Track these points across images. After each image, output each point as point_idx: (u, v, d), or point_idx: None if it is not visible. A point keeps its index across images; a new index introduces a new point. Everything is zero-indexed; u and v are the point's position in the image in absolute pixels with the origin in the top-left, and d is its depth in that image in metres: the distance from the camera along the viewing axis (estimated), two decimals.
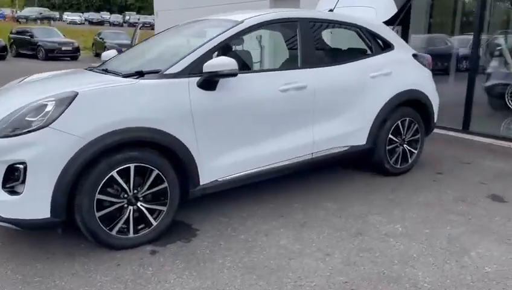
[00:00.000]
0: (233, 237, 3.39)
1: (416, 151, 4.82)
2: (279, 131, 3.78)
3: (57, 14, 51.40)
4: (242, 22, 3.72)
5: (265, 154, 3.72)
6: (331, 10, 5.01)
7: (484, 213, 3.83)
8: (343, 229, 3.51)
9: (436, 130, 6.80)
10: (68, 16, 53.38)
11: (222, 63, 3.28)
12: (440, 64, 8.72)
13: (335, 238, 3.37)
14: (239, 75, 3.48)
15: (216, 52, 3.66)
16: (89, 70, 3.94)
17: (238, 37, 3.68)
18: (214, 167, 3.48)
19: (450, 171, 4.94)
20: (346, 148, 4.27)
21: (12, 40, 22.89)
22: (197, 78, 3.32)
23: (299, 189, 4.31)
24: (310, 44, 4.00)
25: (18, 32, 23.03)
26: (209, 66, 3.28)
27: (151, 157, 3.13)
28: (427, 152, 5.55)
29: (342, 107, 4.15)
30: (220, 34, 3.57)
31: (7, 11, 48.48)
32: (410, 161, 4.78)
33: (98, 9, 65.45)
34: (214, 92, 3.38)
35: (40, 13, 41.54)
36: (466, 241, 3.33)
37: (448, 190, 4.36)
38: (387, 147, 4.55)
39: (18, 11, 48.17)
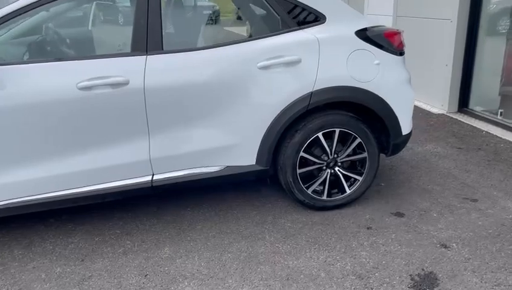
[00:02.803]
0: None
1: (360, 178, 3.20)
2: (82, 146, 2.73)
3: None
4: None
5: (60, 176, 2.74)
6: None
7: None
8: None
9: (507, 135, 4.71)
10: None
11: None
12: None
13: None
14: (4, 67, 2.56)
15: None
16: None
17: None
18: None
19: (420, 214, 3.19)
20: (217, 169, 2.98)
21: None
22: None
23: (166, 220, 3.22)
24: (153, 18, 2.76)
25: None
26: None
27: None
28: (442, 169, 3.78)
29: (203, 112, 2.85)
30: None
31: None
32: (348, 192, 3.20)
33: None
34: None
35: None
36: None
37: (366, 251, 2.76)
38: (299, 171, 3.07)
39: None
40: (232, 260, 2.70)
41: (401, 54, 3.17)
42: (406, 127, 3.21)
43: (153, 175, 2.88)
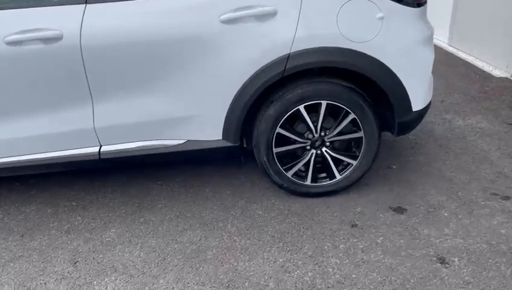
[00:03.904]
0: None
1: (354, 162, 2.60)
2: (15, 110, 2.40)
3: None
4: None
5: None
6: None
7: None
8: None
9: None
10: None
11: None
12: None
13: None
14: None
15: None
16: None
17: None
18: None
19: (427, 211, 2.57)
20: (176, 143, 2.53)
21: None
22: None
23: (130, 194, 2.87)
24: None
25: None
26: None
27: None
28: (479, 151, 3.07)
29: (154, 74, 2.38)
30: None
31: None
32: (338, 177, 2.63)
33: None
34: None
35: None
36: None
37: (338, 257, 2.22)
38: (276, 149, 2.54)
39: None
40: (176, 253, 2.30)
41: (419, 4, 2.43)
42: (418, 101, 2.52)
43: (100, 146, 2.50)
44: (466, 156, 3.10)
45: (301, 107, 2.44)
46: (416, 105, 2.52)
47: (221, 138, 2.51)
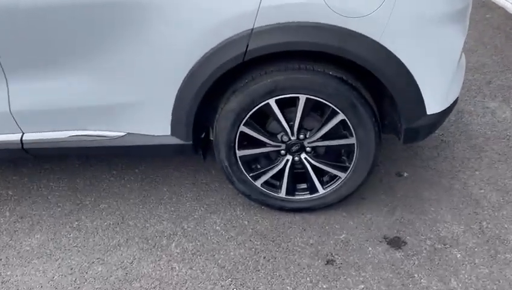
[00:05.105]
0: None
1: (343, 175, 1.98)
2: None
3: None
4: None
5: None
6: None
7: None
8: None
9: None
10: None
11: None
12: None
13: None
14: None
15: None
16: None
17: None
18: None
19: (433, 249, 1.93)
20: (114, 135, 2.00)
21: None
22: None
23: (77, 186, 2.41)
24: None
25: None
26: None
27: None
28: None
29: (80, 49, 1.82)
30: None
31: None
32: (321, 192, 2.02)
33: None
34: None
35: None
36: None
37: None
38: (240, 152, 1.96)
39: None
40: (96, 281, 1.83)
41: None
42: (436, 102, 1.83)
43: (22, 134, 2.01)
44: (505, 165, 2.38)
45: (271, 102, 1.82)
46: (433, 107, 1.82)
47: (169, 133, 1.95)
